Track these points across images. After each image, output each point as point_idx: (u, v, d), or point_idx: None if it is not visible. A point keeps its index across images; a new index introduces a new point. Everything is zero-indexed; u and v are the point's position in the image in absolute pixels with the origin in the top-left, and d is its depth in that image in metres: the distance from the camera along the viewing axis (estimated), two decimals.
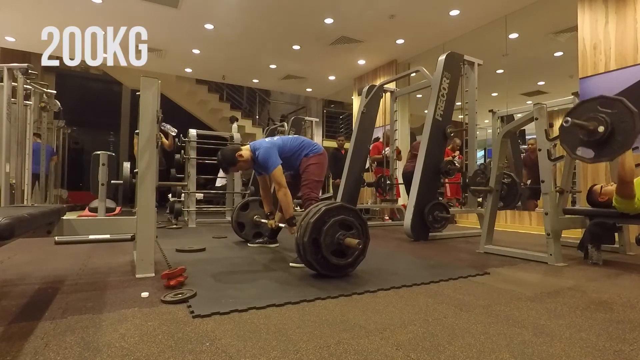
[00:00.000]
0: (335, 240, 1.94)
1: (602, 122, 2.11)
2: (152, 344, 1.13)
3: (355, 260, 2.03)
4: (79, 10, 5.25)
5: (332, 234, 1.94)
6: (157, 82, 2.05)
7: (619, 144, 2.09)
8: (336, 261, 1.94)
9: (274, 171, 2.56)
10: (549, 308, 1.54)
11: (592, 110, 2.18)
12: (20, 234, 1.11)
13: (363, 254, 2.07)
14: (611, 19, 3.91)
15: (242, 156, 2.64)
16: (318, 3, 5.02)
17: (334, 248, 1.95)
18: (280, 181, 2.55)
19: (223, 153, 2.68)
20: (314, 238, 1.92)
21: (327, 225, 1.93)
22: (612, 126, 2.09)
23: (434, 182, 3.83)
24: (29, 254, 2.60)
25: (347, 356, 1.06)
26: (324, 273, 1.95)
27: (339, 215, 1.98)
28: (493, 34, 5.68)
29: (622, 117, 2.08)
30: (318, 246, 1.92)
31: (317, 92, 9.86)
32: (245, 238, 3.28)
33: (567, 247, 2.94)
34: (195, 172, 4.88)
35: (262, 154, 2.60)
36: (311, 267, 1.99)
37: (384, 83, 5.22)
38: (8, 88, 3.34)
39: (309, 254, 1.91)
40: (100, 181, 3.03)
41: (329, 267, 1.95)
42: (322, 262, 1.93)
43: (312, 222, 1.91)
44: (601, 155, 2.19)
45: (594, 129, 2.13)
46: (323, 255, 1.92)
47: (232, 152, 2.67)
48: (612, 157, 2.19)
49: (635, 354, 1.10)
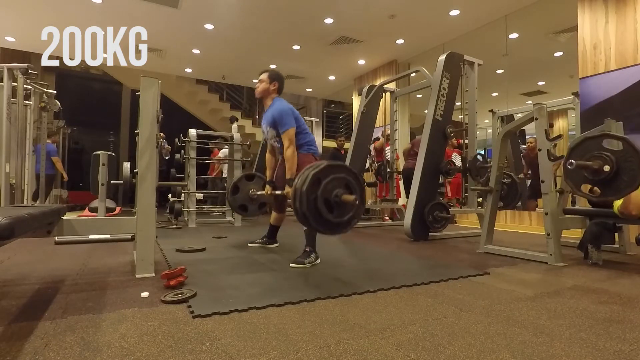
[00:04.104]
0: (333, 196, 1.89)
1: (607, 161, 2.08)
2: (152, 344, 1.13)
3: (348, 220, 1.95)
4: (79, 10, 5.25)
5: (330, 189, 1.88)
6: (157, 82, 2.05)
7: (625, 183, 2.07)
8: (330, 217, 1.88)
9: (289, 130, 2.61)
10: (549, 308, 1.54)
11: (596, 148, 2.15)
12: (20, 234, 1.11)
13: (357, 217, 2.01)
14: (611, 19, 3.91)
15: (275, 86, 2.78)
16: (318, 3, 5.02)
17: (330, 204, 1.89)
18: (292, 140, 2.61)
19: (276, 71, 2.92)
20: (313, 189, 1.85)
21: (327, 179, 1.88)
22: (618, 165, 2.06)
23: (434, 182, 3.83)
24: (29, 254, 2.60)
25: (347, 356, 1.06)
26: (315, 227, 1.89)
27: (341, 174, 1.94)
28: (493, 34, 5.68)
29: (627, 156, 2.05)
30: (315, 198, 1.86)
31: (317, 92, 9.85)
32: (252, 215, 3.51)
33: (567, 247, 2.94)
34: (195, 172, 4.88)
35: (282, 108, 2.66)
36: (305, 220, 1.90)
37: (384, 83, 5.22)
38: (8, 88, 3.34)
39: (305, 204, 1.84)
40: (100, 181, 3.02)
41: (322, 223, 1.89)
42: (316, 215, 1.87)
43: (313, 173, 1.86)
44: (607, 194, 2.17)
45: (599, 168, 2.10)
46: (318, 209, 1.86)
47: (279, 75, 2.87)
48: (620, 196, 2.16)
49: (635, 354, 1.10)
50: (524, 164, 5.88)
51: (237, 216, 4.91)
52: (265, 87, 2.76)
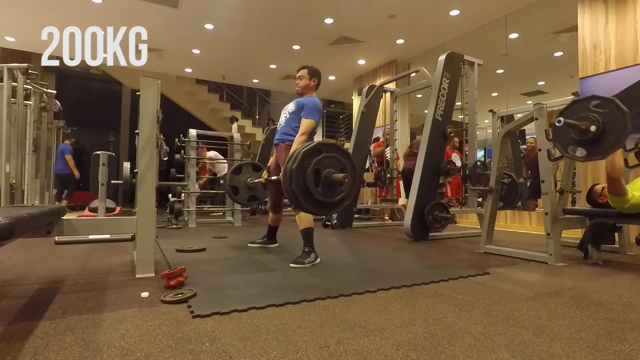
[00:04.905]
0: (323, 175, 1.87)
1: (594, 121, 2.14)
2: (152, 344, 1.13)
3: (339, 201, 1.93)
4: (79, 10, 5.25)
5: (321, 167, 1.87)
6: (157, 82, 2.05)
7: (610, 142, 2.12)
8: (320, 197, 1.86)
9: (311, 121, 2.67)
10: (549, 308, 1.54)
11: (585, 109, 2.21)
12: (20, 234, 1.11)
13: (348, 198, 1.99)
14: (611, 19, 3.91)
15: (315, 82, 2.95)
16: (318, 3, 5.02)
17: (320, 182, 1.87)
18: (309, 130, 2.65)
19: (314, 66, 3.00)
20: (303, 168, 1.84)
21: (318, 157, 1.87)
22: (604, 125, 2.12)
23: (434, 182, 3.83)
24: (29, 254, 2.60)
25: (347, 356, 1.06)
26: (305, 207, 1.88)
27: (332, 153, 1.92)
28: (493, 34, 5.68)
29: (614, 116, 2.10)
30: (304, 176, 1.84)
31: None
32: (240, 202, 3.43)
33: (567, 247, 2.94)
34: (195, 172, 4.88)
35: (316, 101, 2.79)
36: (295, 199, 1.88)
37: (384, 83, 5.21)
38: (8, 88, 3.34)
39: (295, 182, 1.82)
40: (100, 181, 3.03)
41: (312, 202, 1.88)
42: (306, 195, 1.85)
43: (304, 151, 1.86)
44: (593, 154, 2.23)
45: (586, 128, 2.16)
46: (307, 187, 1.84)
47: (319, 72, 3.00)
48: (604, 155, 2.21)
49: (635, 354, 1.10)
50: (524, 166, 5.88)
51: (237, 216, 4.92)
52: (307, 82, 2.87)
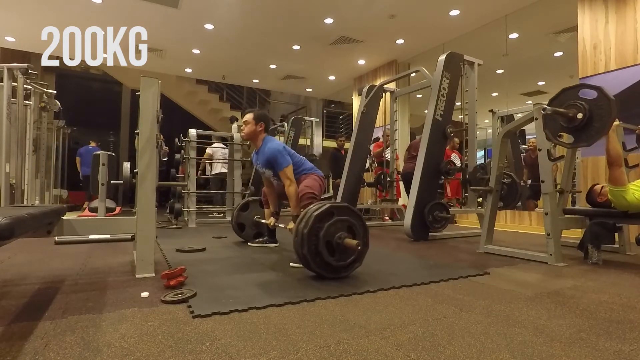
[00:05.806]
0: (335, 239, 1.91)
1: (580, 109, 2.18)
2: (152, 344, 1.13)
3: (350, 264, 1.97)
4: (79, 10, 5.25)
5: (333, 232, 1.91)
6: (157, 82, 2.05)
7: (596, 129, 2.17)
8: (331, 260, 1.90)
9: (286, 169, 2.62)
10: (549, 308, 1.54)
11: (573, 97, 2.25)
12: (20, 234, 1.11)
13: (359, 261, 2.02)
14: (611, 19, 3.91)
15: (262, 127, 2.72)
16: (318, 3, 5.02)
17: (331, 246, 1.91)
18: (291, 178, 2.62)
19: (260, 111, 2.89)
20: (315, 231, 1.87)
21: (330, 221, 1.90)
22: (591, 113, 2.16)
23: (434, 182, 3.83)
24: (29, 254, 2.60)
25: (347, 356, 1.06)
26: (317, 271, 1.91)
27: (344, 216, 1.96)
28: (493, 34, 5.68)
29: (600, 104, 2.14)
30: (317, 241, 1.88)
31: (317, 92, 9.86)
32: (246, 238, 3.28)
33: (567, 247, 2.94)
34: (195, 172, 4.88)
35: (274, 149, 2.65)
36: (305, 262, 1.92)
37: (384, 83, 5.21)
38: (8, 88, 3.34)
39: (306, 247, 1.86)
40: (100, 181, 3.03)
41: (323, 265, 1.90)
42: (317, 258, 1.89)
43: (316, 215, 1.88)
44: (580, 140, 2.27)
45: (573, 115, 2.20)
46: (319, 251, 1.88)
47: (265, 115, 2.80)
48: (590, 142, 2.26)
49: (635, 354, 1.10)
50: (525, 168, 5.85)
51: None
52: (252, 129, 2.71)
